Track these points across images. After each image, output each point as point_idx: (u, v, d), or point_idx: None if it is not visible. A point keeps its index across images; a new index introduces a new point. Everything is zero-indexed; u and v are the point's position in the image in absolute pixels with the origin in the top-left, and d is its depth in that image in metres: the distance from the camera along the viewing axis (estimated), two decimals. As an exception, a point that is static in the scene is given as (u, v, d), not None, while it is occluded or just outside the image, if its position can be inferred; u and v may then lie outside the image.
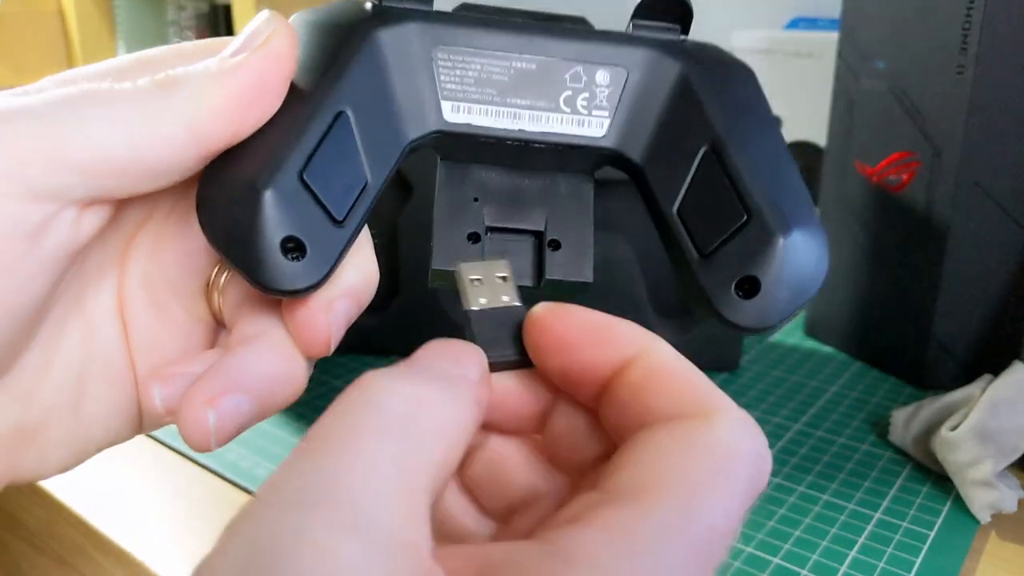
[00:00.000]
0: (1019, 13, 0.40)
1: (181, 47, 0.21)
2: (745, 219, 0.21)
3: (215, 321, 0.23)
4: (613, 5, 0.39)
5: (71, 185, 0.18)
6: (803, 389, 0.48)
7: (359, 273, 0.21)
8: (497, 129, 0.23)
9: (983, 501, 0.35)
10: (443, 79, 0.23)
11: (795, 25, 0.78)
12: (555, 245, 0.23)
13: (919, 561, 0.33)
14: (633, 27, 0.24)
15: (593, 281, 0.23)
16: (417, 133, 0.22)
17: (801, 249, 0.21)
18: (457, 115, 0.23)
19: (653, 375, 0.18)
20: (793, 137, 0.70)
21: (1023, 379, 0.37)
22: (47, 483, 0.40)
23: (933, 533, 0.35)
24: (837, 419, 0.44)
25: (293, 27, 0.21)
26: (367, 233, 0.22)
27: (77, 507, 0.38)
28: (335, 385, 0.47)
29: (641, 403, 0.18)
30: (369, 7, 0.23)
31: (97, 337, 0.22)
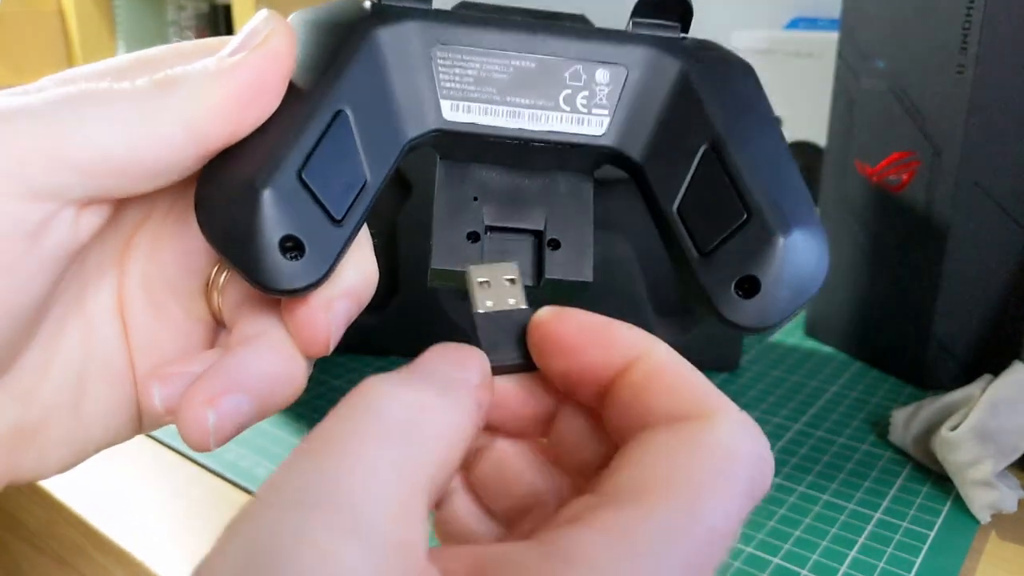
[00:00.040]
0: (1019, 13, 0.40)
1: (180, 47, 0.21)
2: (745, 218, 0.21)
3: (215, 321, 0.23)
4: (613, 3, 0.39)
5: (70, 184, 0.18)
6: (803, 389, 0.48)
7: (358, 273, 0.21)
8: (496, 128, 0.23)
9: (983, 501, 0.35)
10: (442, 78, 0.22)
11: (795, 25, 0.78)
12: (555, 244, 0.23)
13: (919, 561, 0.33)
14: (633, 25, 0.24)
15: (593, 280, 0.23)
16: (416, 132, 0.22)
17: (801, 248, 0.21)
18: (456, 114, 0.23)
19: (653, 377, 0.18)
20: (793, 137, 0.70)
21: (1023, 379, 0.37)
22: (47, 483, 0.40)
23: (933, 533, 0.35)
24: (837, 419, 0.44)
25: (292, 26, 0.21)
26: (366, 232, 0.22)
27: (77, 507, 0.38)
28: (335, 385, 0.47)
29: (641, 405, 0.18)
30: (368, 6, 0.23)
31: (97, 337, 0.22)
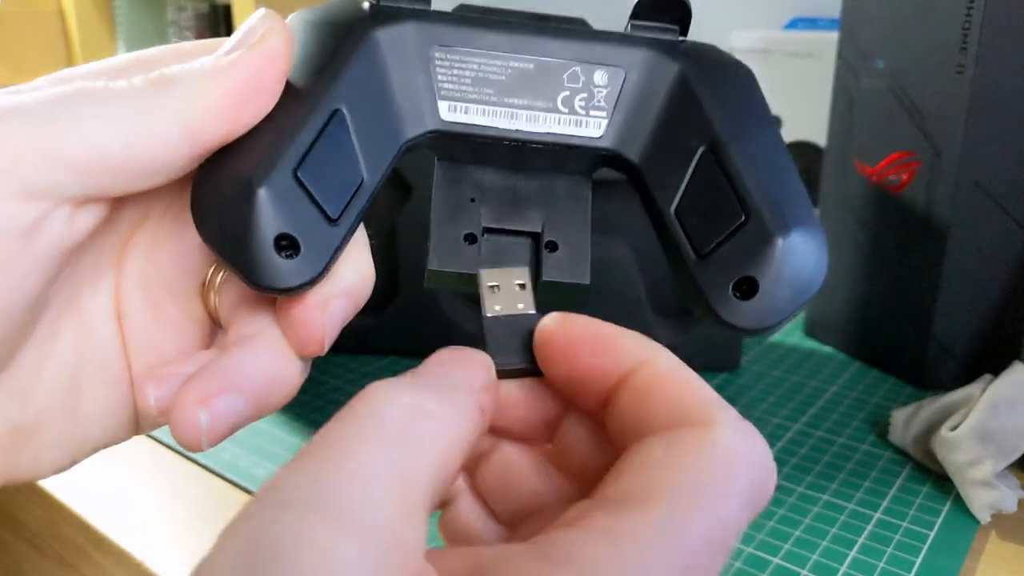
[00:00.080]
0: (1019, 13, 0.40)
1: (179, 47, 0.21)
2: (743, 219, 0.21)
3: (212, 321, 0.23)
4: (612, 5, 0.39)
5: (65, 183, 0.18)
6: (803, 389, 0.48)
7: (355, 273, 0.21)
8: (494, 129, 0.23)
9: (983, 501, 0.35)
10: (440, 79, 0.22)
11: (794, 25, 0.78)
12: (552, 246, 0.23)
13: (919, 561, 0.33)
14: (631, 27, 0.24)
15: (590, 283, 0.23)
16: (414, 132, 0.22)
17: (800, 249, 0.21)
18: (454, 115, 0.22)
19: (655, 384, 0.18)
20: (793, 137, 0.70)
21: (1023, 379, 0.37)
22: (47, 483, 0.40)
23: (933, 533, 0.35)
24: (837, 419, 0.44)
25: (290, 26, 0.21)
26: (363, 233, 0.22)
27: (77, 507, 0.38)
28: (333, 385, 0.47)
29: (643, 411, 0.18)
30: (367, 6, 0.22)
31: (93, 337, 0.22)
